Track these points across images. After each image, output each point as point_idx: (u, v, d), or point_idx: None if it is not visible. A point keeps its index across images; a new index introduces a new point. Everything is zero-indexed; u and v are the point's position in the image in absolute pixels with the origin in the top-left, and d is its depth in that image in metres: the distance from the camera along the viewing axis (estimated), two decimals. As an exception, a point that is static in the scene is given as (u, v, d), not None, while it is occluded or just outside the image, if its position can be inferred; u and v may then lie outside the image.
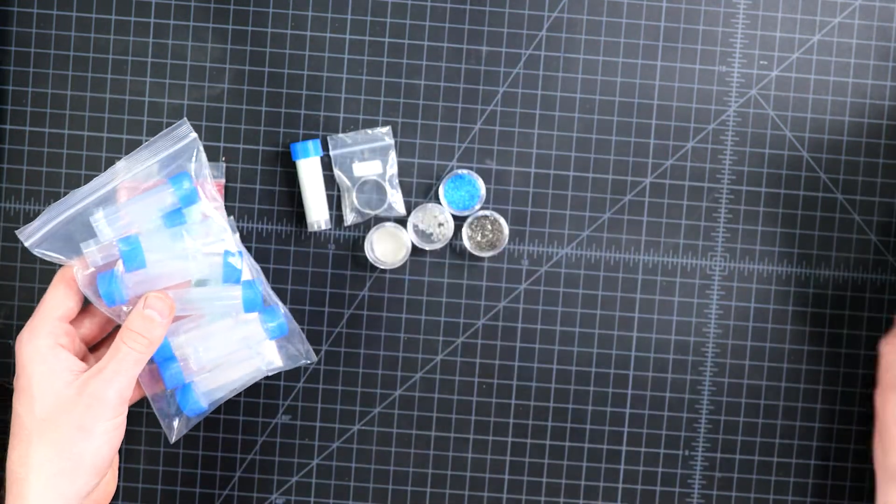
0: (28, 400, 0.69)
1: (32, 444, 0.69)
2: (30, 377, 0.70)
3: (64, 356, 0.70)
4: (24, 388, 0.70)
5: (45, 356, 0.70)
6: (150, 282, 0.73)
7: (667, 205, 0.86)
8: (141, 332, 0.71)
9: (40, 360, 0.70)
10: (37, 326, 0.71)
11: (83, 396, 0.69)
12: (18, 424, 0.70)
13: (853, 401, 0.86)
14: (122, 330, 0.71)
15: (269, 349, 0.77)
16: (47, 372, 0.69)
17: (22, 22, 0.84)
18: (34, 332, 0.71)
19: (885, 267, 0.86)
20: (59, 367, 0.70)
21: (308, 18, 0.85)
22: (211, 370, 0.75)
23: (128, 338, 0.71)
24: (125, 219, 0.73)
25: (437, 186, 0.85)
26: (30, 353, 0.70)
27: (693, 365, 0.86)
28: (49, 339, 0.70)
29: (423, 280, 0.85)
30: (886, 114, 0.85)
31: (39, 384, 0.69)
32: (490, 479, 0.86)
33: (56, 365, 0.70)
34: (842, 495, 0.86)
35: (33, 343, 0.70)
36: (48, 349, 0.70)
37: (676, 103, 0.85)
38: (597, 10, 0.85)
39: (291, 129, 0.85)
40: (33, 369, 0.70)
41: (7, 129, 0.85)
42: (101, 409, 0.69)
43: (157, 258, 0.73)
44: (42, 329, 0.71)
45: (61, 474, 0.68)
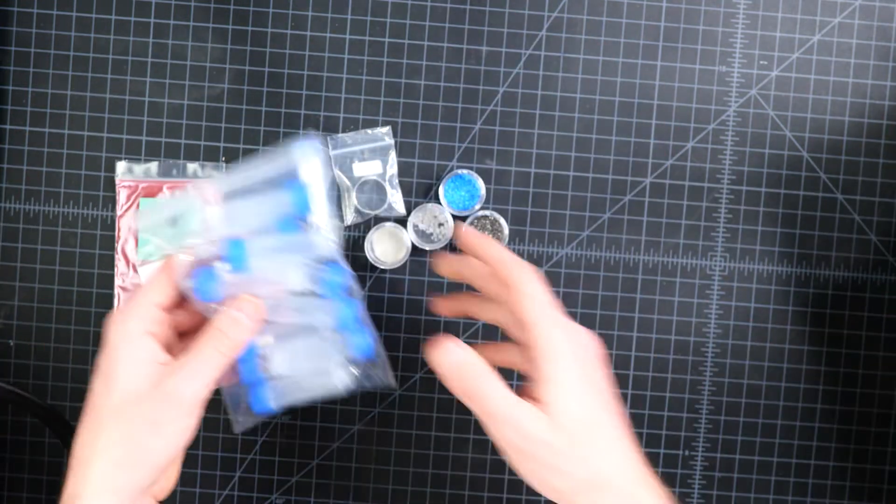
0: (107, 383, 0.67)
1: (102, 428, 0.66)
2: (113, 361, 0.67)
3: (150, 345, 0.68)
4: (106, 370, 0.67)
5: (131, 341, 0.67)
6: (247, 284, 0.71)
7: (667, 205, 0.86)
8: (227, 334, 0.69)
9: (126, 344, 0.67)
10: (131, 309, 0.68)
11: (159, 391, 0.67)
12: (93, 405, 0.67)
13: (853, 401, 0.86)
14: (209, 328, 0.69)
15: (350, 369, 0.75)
16: (130, 358, 0.67)
17: (22, 22, 0.84)
18: (127, 315, 0.68)
19: (885, 267, 0.86)
20: (143, 356, 0.67)
21: (308, 18, 0.85)
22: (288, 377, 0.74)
23: (213, 337, 0.69)
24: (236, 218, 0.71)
25: (437, 186, 0.85)
26: (118, 335, 0.67)
27: (693, 365, 0.86)
28: (140, 324, 0.68)
29: (423, 280, 0.85)
30: (886, 114, 0.86)
31: (121, 370, 0.67)
32: (490, 479, 0.86)
33: (141, 353, 0.68)
34: (842, 495, 0.86)
35: (124, 326, 0.68)
36: (137, 335, 0.68)
37: (676, 103, 0.85)
38: (597, 10, 0.85)
39: (291, 129, 0.85)
40: (118, 353, 0.67)
41: (7, 129, 0.85)
42: (175, 407, 0.67)
43: (261, 264, 0.71)
44: (135, 312, 0.68)
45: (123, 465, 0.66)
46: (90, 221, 0.85)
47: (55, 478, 0.85)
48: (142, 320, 0.68)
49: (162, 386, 0.66)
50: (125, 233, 0.84)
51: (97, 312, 0.85)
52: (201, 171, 0.84)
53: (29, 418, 0.85)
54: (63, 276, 0.85)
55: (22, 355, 0.85)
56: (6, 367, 0.85)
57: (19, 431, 0.85)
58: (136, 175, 0.85)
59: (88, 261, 0.85)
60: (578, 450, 0.66)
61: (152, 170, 0.85)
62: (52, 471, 0.85)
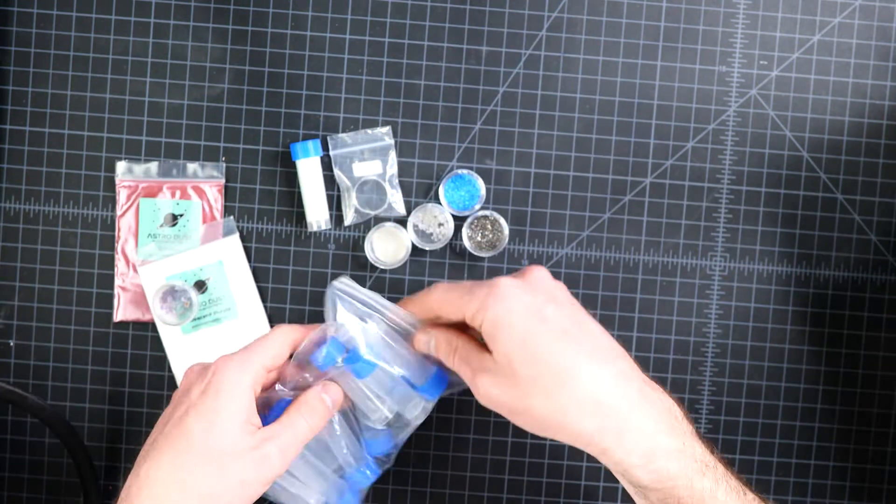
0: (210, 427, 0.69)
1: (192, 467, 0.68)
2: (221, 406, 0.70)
3: (252, 404, 0.71)
4: (212, 413, 0.70)
5: (242, 395, 0.70)
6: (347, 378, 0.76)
7: (667, 205, 0.86)
8: (316, 412, 0.73)
9: (239, 395, 0.70)
10: (252, 363, 0.72)
11: (256, 452, 0.70)
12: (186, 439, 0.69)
13: (853, 401, 0.86)
14: (302, 403, 0.73)
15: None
16: (237, 413, 0.70)
17: (22, 22, 0.84)
18: (246, 366, 0.71)
19: (885, 267, 0.86)
20: (247, 415, 0.70)
21: (308, 18, 0.85)
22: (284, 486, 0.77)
23: (305, 412, 0.73)
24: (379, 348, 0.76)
25: (437, 186, 0.85)
26: (230, 383, 0.70)
27: (693, 365, 0.86)
28: (250, 380, 0.71)
29: (423, 280, 0.85)
30: (886, 114, 0.85)
31: (227, 420, 0.69)
32: (490, 479, 0.86)
33: (245, 410, 0.70)
34: (842, 495, 0.86)
35: (241, 377, 0.71)
36: (246, 390, 0.71)
37: (676, 103, 0.85)
38: (597, 10, 0.85)
39: (291, 129, 0.85)
40: (227, 400, 0.70)
41: (7, 129, 0.85)
42: (267, 472, 0.70)
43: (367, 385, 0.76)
44: (253, 368, 0.72)
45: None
46: (90, 221, 0.85)
47: (55, 478, 0.85)
48: (256, 376, 0.72)
49: (261, 449, 0.70)
50: (125, 233, 0.84)
51: (97, 312, 0.85)
52: (201, 171, 0.85)
53: (29, 418, 0.85)
54: (63, 276, 0.85)
55: (22, 355, 0.85)
56: (6, 367, 0.85)
57: (19, 431, 0.85)
58: (136, 175, 0.85)
59: (88, 261, 0.85)
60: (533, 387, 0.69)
61: (152, 170, 0.85)
62: (52, 471, 0.85)
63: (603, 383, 0.69)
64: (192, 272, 0.84)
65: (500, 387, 0.70)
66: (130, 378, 0.85)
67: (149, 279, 0.83)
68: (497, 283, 0.71)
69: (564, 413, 0.68)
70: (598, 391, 0.68)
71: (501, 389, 0.70)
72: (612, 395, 0.68)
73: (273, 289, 0.85)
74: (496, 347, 0.70)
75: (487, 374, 0.70)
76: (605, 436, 0.68)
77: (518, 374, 0.69)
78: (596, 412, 0.68)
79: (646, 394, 0.70)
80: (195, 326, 0.84)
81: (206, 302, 0.84)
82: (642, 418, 0.69)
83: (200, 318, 0.84)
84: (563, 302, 0.72)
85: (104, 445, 0.85)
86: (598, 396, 0.68)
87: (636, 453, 0.68)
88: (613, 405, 0.68)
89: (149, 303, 0.83)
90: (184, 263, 0.84)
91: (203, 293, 0.84)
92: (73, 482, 0.85)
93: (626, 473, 0.69)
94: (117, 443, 0.85)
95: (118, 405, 0.85)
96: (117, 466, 0.85)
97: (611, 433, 0.68)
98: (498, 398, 0.70)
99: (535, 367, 0.69)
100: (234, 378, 0.71)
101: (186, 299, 0.83)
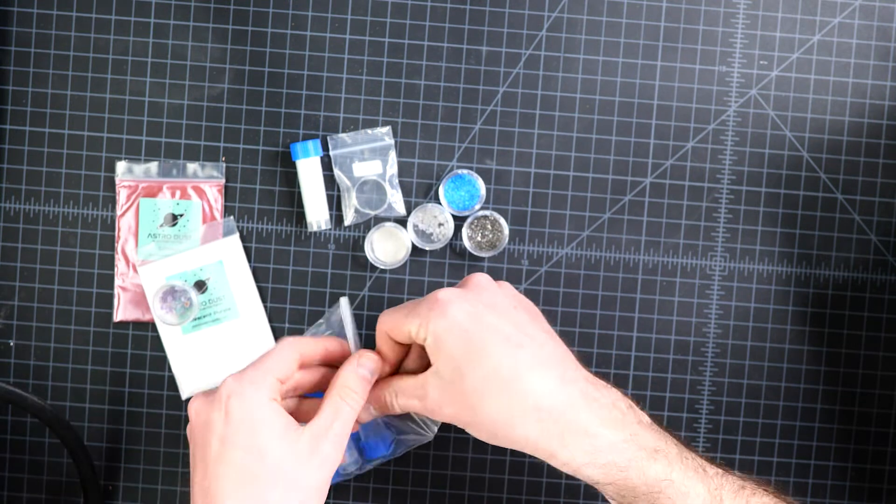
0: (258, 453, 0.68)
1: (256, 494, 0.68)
2: (253, 429, 0.69)
3: (282, 411, 0.71)
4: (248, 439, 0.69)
5: (268, 409, 0.70)
6: None
7: (667, 205, 0.86)
8: (356, 391, 0.73)
9: (264, 412, 0.69)
10: (263, 376, 0.71)
11: (316, 455, 0.69)
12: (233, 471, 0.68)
13: (853, 401, 0.86)
14: (338, 388, 0.72)
15: None
16: (273, 426, 0.69)
17: (22, 22, 0.84)
18: (258, 380, 0.70)
19: (885, 267, 0.86)
20: (281, 423, 0.70)
21: (308, 18, 0.85)
22: None
23: (346, 395, 0.72)
24: None
25: (437, 186, 0.85)
26: (252, 403, 0.69)
27: (693, 365, 0.86)
28: (269, 391, 0.70)
29: (423, 280, 0.85)
30: (886, 114, 0.85)
31: (268, 438, 0.69)
32: (490, 479, 0.86)
33: (278, 420, 0.70)
34: (842, 495, 0.86)
35: (258, 391, 0.70)
36: (269, 403, 0.70)
37: (676, 103, 0.85)
38: (597, 10, 0.85)
39: (291, 129, 0.85)
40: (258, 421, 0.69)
41: (7, 129, 0.85)
42: (330, 468, 0.70)
43: None
44: (266, 380, 0.70)
45: None
46: (90, 221, 0.85)
47: (55, 478, 0.85)
48: (269, 388, 0.70)
49: (318, 451, 0.69)
50: (125, 233, 0.84)
51: (97, 312, 0.85)
52: (201, 171, 0.85)
53: (29, 418, 0.85)
54: (63, 276, 0.85)
55: (22, 355, 0.85)
56: (6, 367, 0.85)
57: (19, 431, 0.85)
58: (136, 175, 0.84)
59: (88, 261, 0.85)
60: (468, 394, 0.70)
61: (152, 170, 0.85)
62: (52, 471, 0.85)
63: (544, 388, 0.69)
64: (192, 272, 0.84)
65: (446, 398, 0.70)
66: (130, 378, 0.85)
67: (149, 279, 0.83)
68: (436, 296, 0.72)
69: (510, 419, 0.69)
70: (540, 397, 0.69)
71: (449, 400, 0.70)
72: (552, 399, 0.69)
73: (273, 289, 0.85)
74: (440, 358, 0.70)
75: (433, 381, 0.71)
76: (549, 441, 0.69)
77: (464, 381, 0.69)
78: (538, 418, 0.69)
79: (588, 393, 0.70)
80: (195, 326, 0.84)
81: (207, 302, 0.84)
82: (585, 417, 0.69)
83: (201, 318, 0.84)
84: (504, 308, 0.72)
85: (104, 445, 0.85)
86: (539, 402, 0.69)
87: (580, 453, 0.69)
88: (554, 409, 0.69)
89: (149, 303, 0.83)
90: (184, 263, 0.84)
91: (203, 293, 0.84)
92: (73, 482, 0.85)
93: (578, 473, 0.70)
94: (117, 443, 0.85)
95: (118, 405, 0.85)
96: (117, 466, 0.85)
97: (554, 438, 0.69)
98: (446, 410, 0.71)
99: (479, 374, 0.69)
100: (251, 395, 0.69)
101: (186, 299, 0.83)
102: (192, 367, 0.84)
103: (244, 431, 0.69)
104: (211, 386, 0.83)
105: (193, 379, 0.84)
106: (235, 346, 0.84)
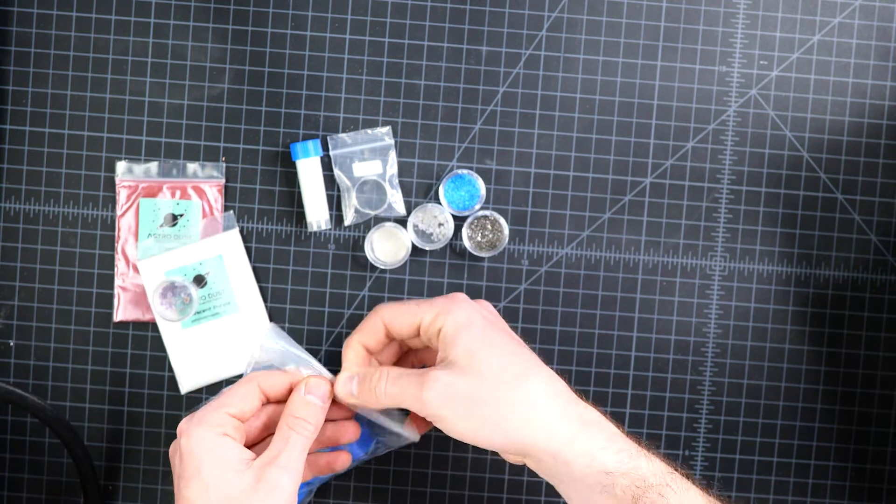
0: (201, 487, 0.70)
1: None
2: (204, 465, 0.70)
3: (233, 445, 0.72)
4: (195, 474, 0.70)
5: (213, 446, 0.71)
6: None
7: (667, 205, 0.86)
8: (306, 419, 0.73)
9: (209, 448, 0.71)
10: (206, 416, 0.72)
11: (262, 484, 0.70)
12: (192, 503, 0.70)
13: (853, 401, 0.86)
14: (286, 417, 0.73)
15: None
16: (220, 461, 0.71)
17: (22, 22, 0.84)
18: (203, 421, 0.72)
19: (885, 267, 0.86)
20: (230, 456, 0.71)
21: (308, 18, 0.85)
22: None
23: (294, 424, 0.73)
24: None
25: (437, 186, 0.85)
26: (197, 440, 0.71)
27: (693, 365, 0.86)
28: (217, 429, 0.72)
29: (423, 280, 0.85)
30: (886, 114, 0.85)
31: (215, 473, 0.70)
32: (490, 479, 0.86)
33: (227, 454, 0.71)
34: (842, 495, 0.86)
35: (201, 431, 0.71)
36: (217, 438, 0.71)
37: (676, 103, 0.85)
38: (597, 10, 0.85)
39: (291, 129, 0.85)
40: (206, 458, 0.71)
41: (7, 129, 0.85)
42: (280, 498, 0.70)
43: None
44: (212, 419, 0.72)
45: None
46: (90, 221, 0.85)
47: (55, 478, 0.85)
48: (219, 425, 0.72)
49: (264, 481, 0.70)
50: (125, 233, 0.84)
51: (97, 312, 0.85)
52: (201, 171, 0.85)
53: (29, 418, 0.85)
54: (63, 276, 0.85)
55: (22, 355, 0.85)
56: (6, 367, 0.85)
57: (19, 431, 0.85)
58: (136, 175, 0.85)
59: (88, 261, 0.85)
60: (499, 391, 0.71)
61: (152, 170, 0.85)
62: (52, 471, 0.85)
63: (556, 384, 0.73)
64: (192, 266, 0.84)
65: (460, 381, 0.71)
66: (130, 378, 0.85)
67: (148, 274, 0.83)
68: (455, 294, 0.76)
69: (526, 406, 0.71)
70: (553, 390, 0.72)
71: (462, 382, 0.71)
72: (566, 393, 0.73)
73: (273, 289, 0.85)
74: (458, 344, 0.72)
75: (443, 371, 0.72)
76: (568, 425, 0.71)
77: (482, 365, 0.71)
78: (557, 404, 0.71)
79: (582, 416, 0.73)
80: (195, 321, 0.84)
81: (206, 296, 0.84)
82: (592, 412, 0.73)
83: (200, 313, 0.84)
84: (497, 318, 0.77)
85: (104, 445, 0.85)
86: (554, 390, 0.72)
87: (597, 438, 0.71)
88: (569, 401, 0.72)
89: (148, 298, 0.83)
90: (183, 258, 0.84)
91: (202, 287, 0.84)
92: (73, 482, 0.85)
93: (593, 460, 0.70)
94: (117, 443, 0.85)
95: (118, 405, 0.85)
96: (117, 466, 0.85)
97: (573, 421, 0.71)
98: (458, 389, 0.71)
99: (499, 360, 0.72)
100: (198, 433, 0.71)
101: (186, 295, 0.83)
102: (192, 361, 0.84)
103: (192, 467, 0.70)
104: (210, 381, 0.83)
105: (193, 373, 0.84)
106: (235, 340, 0.84)
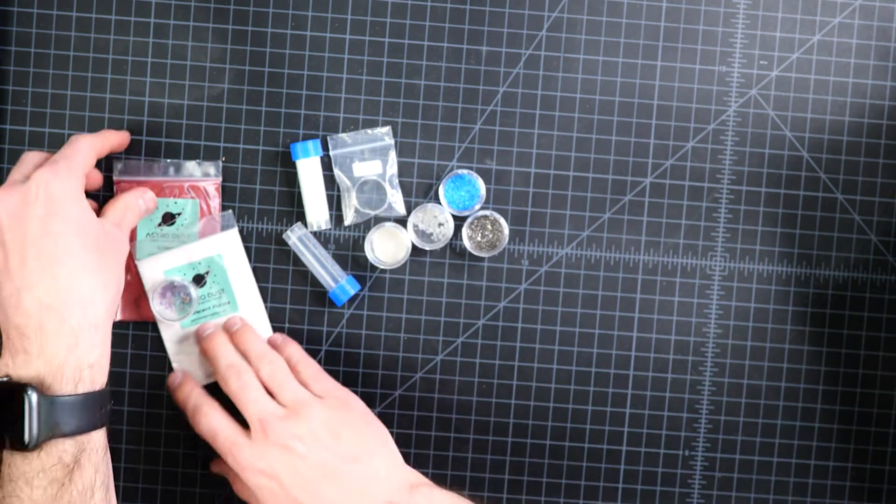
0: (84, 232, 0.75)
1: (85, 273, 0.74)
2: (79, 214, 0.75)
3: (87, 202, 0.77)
4: (77, 221, 0.75)
5: (81, 198, 0.76)
6: None
7: (667, 205, 0.86)
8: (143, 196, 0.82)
9: (78, 199, 0.76)
10: (74, 171, 0.76)
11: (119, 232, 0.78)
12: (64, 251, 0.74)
13: (853, 401, 0.86)
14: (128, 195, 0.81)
15: None
16: (86, 211, 0.76)
17: (22, 22, 0.84)
18: (72, 175, 0.76)
19: (885, 267, 0.86)
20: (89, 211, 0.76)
21: (308, 18, 0.85)
22: None
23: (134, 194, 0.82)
24: None
25: (437, 186, 0.85)
26: (70, 193, 0.75)
27: (693, 365, 0.86)
28: (80, 184, 0.77)
29: (423, 280, 0.85)
30: (886, 114, 0.86)
31: (87, 221, 0.76)
32: (490, 479, 0.86)
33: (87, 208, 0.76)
34: (842, 495, 0.86)
35: (71, 185, 0.76)
36: (81, 192, 0.76)
37: (676, 103, 0.85)
38: (597, 10, 0.85)
39: (291, 129, 0.85)
40: (74, 207, 0.75)
41: (7, 129, 0.85)
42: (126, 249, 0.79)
43: None
44: (78, 174, 0.77)
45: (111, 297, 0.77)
46: (90, 221, 0.85)
47: (55, 478, 0.85)
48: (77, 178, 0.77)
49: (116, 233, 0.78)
50: (125, 233, 0.84)
51: (97, 312, 0.85)
52: (198, 170, 0.85)
53: (29, 418, 0.85)
54: (63, 276, 0.85)
55: (22, 355, 0.85)
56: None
57: (19, 431, 0.85)
58: (133, 174, 0.84)
59: (88, 261, 0.85)
60: None
61: (149, 169, 0.84)
62: (52, 471, 0.85)
63: None
64: (191, 265, 0.84)
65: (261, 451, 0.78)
66: (130, 378, 0.85)
67: (148, 273, 0.83)
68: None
69: None
70: None
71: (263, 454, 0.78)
72: None
73: (273, 289, 0.85)
74: None
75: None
76: None
77: None
78: None
79: None
80: (194, 320, 0.84)
81: (206, 295, 0.84)
82: None
83: (199, 312, 0.84)
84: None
85: (104, 445, 0.85)
86: None
87: None
88: None
89: (148, 298, 0.83)
90: (182, 257, 0.84)
91: (202, 287, 0.84)
92: (72, 482, 0.85)
93: None
94: (118, 443, 0.85)
95: (118, 405, 0.85)
96: (117, 466, 0.85)
97: None
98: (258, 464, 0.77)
99: None
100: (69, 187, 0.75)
101: (185, 294, 0.83)
102: (191, 360, 0.84)
103: (77, 217, 0.75)
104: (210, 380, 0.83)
105: (191, 372, 0.84)
106: (235, 345, 0.84)
